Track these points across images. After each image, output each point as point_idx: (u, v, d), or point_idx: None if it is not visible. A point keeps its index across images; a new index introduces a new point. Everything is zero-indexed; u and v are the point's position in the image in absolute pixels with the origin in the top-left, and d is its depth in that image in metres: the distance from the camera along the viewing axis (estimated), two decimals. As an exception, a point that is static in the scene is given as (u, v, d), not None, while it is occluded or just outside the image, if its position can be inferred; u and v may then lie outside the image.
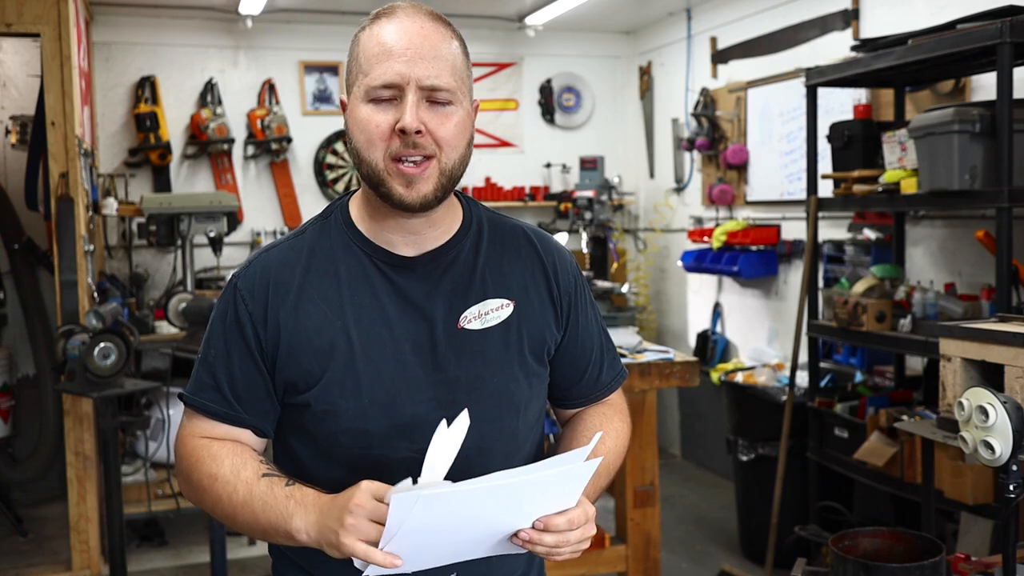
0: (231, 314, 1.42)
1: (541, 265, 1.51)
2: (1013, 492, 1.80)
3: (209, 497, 1.37)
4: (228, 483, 1.35)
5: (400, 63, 1.32)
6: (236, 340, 1.40)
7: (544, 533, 1.24)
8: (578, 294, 1.55)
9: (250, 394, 1.41)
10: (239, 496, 1.33)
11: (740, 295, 5.59)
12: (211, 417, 1.42)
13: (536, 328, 1.48)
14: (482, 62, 6.37)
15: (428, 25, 1.35)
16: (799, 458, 4.02)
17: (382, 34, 1.34)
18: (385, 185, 1.35)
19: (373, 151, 1.34)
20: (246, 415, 1.42)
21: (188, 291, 4.95)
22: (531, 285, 1.49)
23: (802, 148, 4.50)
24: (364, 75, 1.35)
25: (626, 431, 1.60)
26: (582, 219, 5.62)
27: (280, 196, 6.07)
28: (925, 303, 3.46)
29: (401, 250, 1.43)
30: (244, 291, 1.41)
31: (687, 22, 5.95)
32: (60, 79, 4.14)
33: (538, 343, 1.48)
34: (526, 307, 1.47)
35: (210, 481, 1.37)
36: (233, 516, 1.35)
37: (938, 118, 3.13)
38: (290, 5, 5.74)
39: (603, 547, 3.47)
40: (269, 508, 1.30)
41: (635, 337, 3.67)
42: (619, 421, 1.60)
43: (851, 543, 2.06)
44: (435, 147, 1.34)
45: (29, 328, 5.26)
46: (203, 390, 1.42)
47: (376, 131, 1.33)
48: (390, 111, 1.33)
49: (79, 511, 4.21)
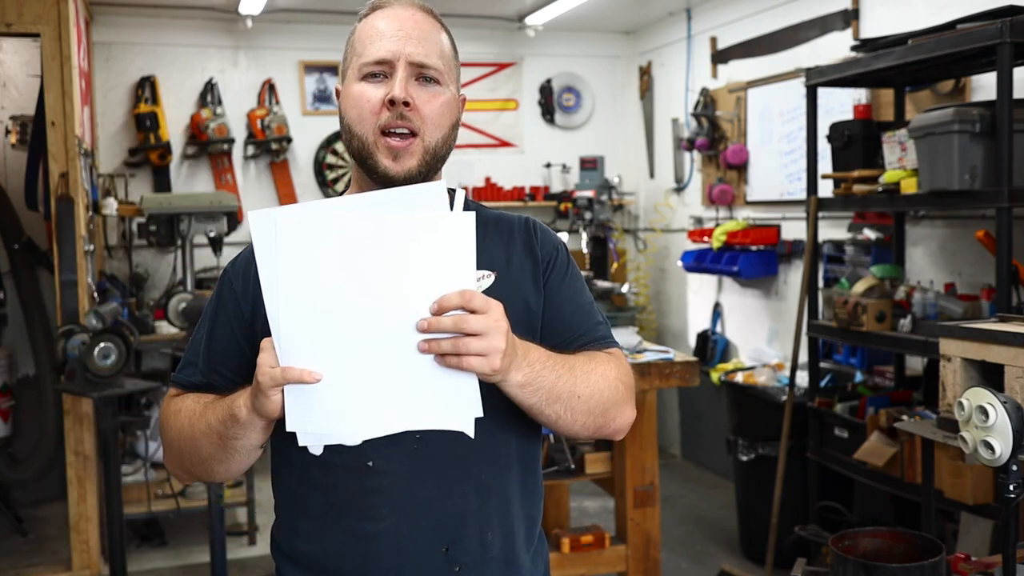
0: (217, 294, 1.50)
1: (526, 241, 1.51)
2: (1013, 492, 1.80)
3: (177, 435, 1.43)
4: (191, 410, 1.41)
5: (391, 42, 1.40)
6: (219, 315, 1.48)
7: (442, 318, 1.19)
8: (558, 262, 1.51)
9: (226, 362, 1.46)
10: (197, 415, 1.40)
11: (740, 295, 5.59)
12: (193, 389, 1.47)
13: (519, 296, 1.46)
14: (482, 62, 6.37)
15: (419, 15, 1.44)
16: (799, 458, 4.02)
17: (376, 21, 1.43)
18: (372, 158, 1.40)
19: (363, 124, 1.40)
20: (221, 381, 1.45)
21: (188, 291, 4.94)
22: (514, 257, 1.49)
23: (802, 148, 4.50)
24: (358, 56, 1.43)
25: (613, 370, 1.45)
26: (582, 219, 5.62)
27: (280, 196, 6.07)
28: (925, 303, 3.46)
29: None
30: (231, 273, 1.50)
31: (687, 22, 5.95)
32: (60, 79, 4.14)
33: (522, 312, 1.45)
34: (508, 278, 1.47)
35: (175, 416, 1.44)
36: (193, 439, 1.39)
37: (938, 118, 3.12)
38: (290, 5, 5.74)
39: (603, 547, 3.47)
40: (219, 407, 1.36)
41: (635, 337, 3.67)
42: (605, 356, 1.48)
43: (851, 543, 2.06)
44: (420, 123, 1.40)
45: (29, 328, 5.26)
46: (186, 367, 1.50)
47: (367, 105, 1.40)
48: (380, 87, 1.40)
49: (79, 511, 4.21)
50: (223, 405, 1.35)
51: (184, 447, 1.42)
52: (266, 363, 1.23)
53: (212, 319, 1.48)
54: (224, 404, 1.35)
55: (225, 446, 1.36)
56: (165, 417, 1.48)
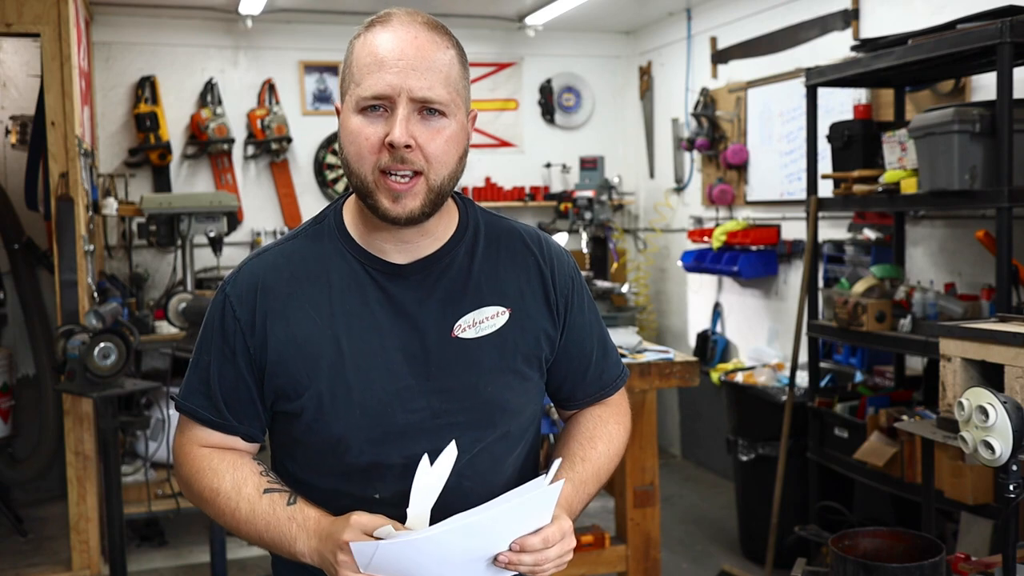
0: (219, 321, 1.42)
1: (538, 268, 1.49)
2: (1013, 492, 1.79)
3: (212, 509, 1.40)
4: (230, 499, 1.37)
5: (391, 74, 1.29)
6: (224, 348, 1.40)
7: (522, 554, 1.26)
8: (575, 295, 1.53)
9: (237, 402, 1.41)
10: (242, 513, 1.36)
11: (740, 295, 5.59)
12: (204, 424, 1.43)
13: (532, 334, 1.46)
14: (482, 62, 6.37)
15: (423, 35, 1.32)
16: (799, 458, 4.02)
17: (375, 43, 1.32)
18: (373, 198, 1.33)
19: (362, 163, 1.32)
20: (235, 422, 1.42)
21: (188, 291, 4.94)
22: (527, 290, 1.47)
23: (802, 148, 4.50)
24: (356, 85, 1.32)
25: (621, 434, 1.59)
26: (582, 219, 5.62)
27: (280, 196, 6.07)
28: (925, 303, 3.46)
29: (393, 258, 1.41)
30: (233, 298, 1.41)
31: (687, 22, 5.95)
32: (60, 79, 4.13)
33: (533, 349, 1.46)
34: (522, 314, 1.45)
35: (212, 495, 1.39)
36: (236, 529, 1.38)
37: (938, 118, 3.12)
38: (290, 5, 5.74)
39: (603, 547, 3.47)
40: (272, 528, 1.33)
41: (635, 337, 3.67)
42: (614, 424, 1.59)
43: (851, 543, 2.05)
44: (424, 163, 1.31)
45: (29, 328, 5.26)
46: (194, 395, 1.44)
47: (365, 144, 1.31)
48: (380, 123, 1.31)
49: (79, 511, 4.21)
50: (280, 534, 1.33)
51: (220, 521, 1.41)
52: (349, 566, 1.24)
53: (219, 354, 1.41)
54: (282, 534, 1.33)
55: (271, 551, 1.38)
56: (189, 469, 1.43)
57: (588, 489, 1.48)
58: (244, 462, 1.41)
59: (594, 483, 1.50)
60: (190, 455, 1.43)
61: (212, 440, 1.43)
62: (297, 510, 1.33)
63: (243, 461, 1.42)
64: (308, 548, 1.30)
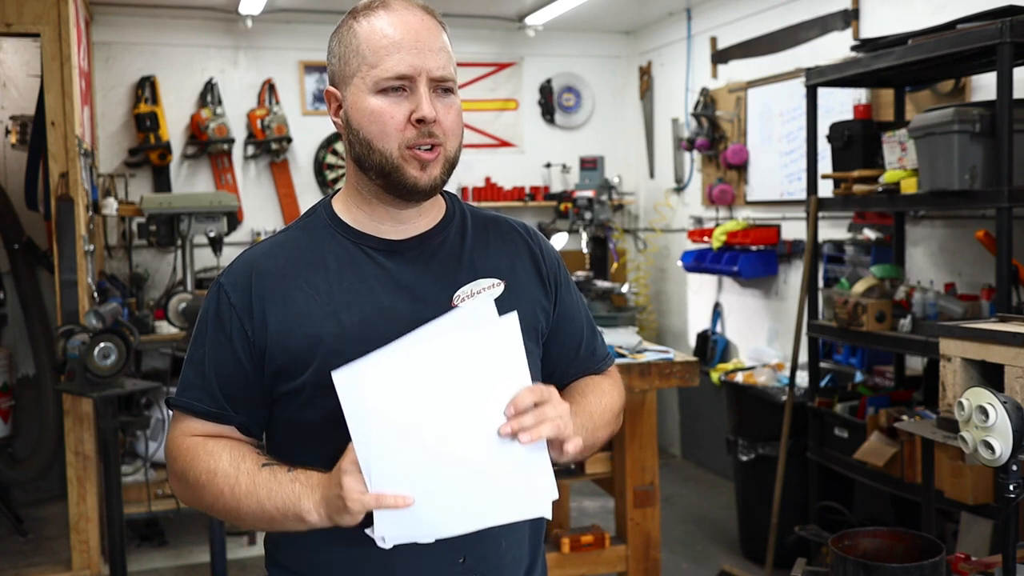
0: (214, 310, 1.42)
1: (527, 246, 1.55)
2: (1013, 492, 1.79)
3: (209, 493, 1.36)
4: (229, 475, 1.35)
5: (411, 55, 1.36)
6: (220, 336, 1.41)
7: (521, 417, 1.26)
8: (563, 275, 1.60)
9: (236, 390, 1.41)
10: (242, 487, 1.33)
11: (740, 295, 5.59)
12: (200, 416, 1.42)
13: (528, 306, 1.49)
14: (482, 62, 6.37)
15: (426, 18, 1.40)
16: (799, 458, 4.02)
17: (386, 26, 1.38)
18: (399, 171, 1.38)
19: (387, 141, 1.37)
20: (233, 412, 1.42)
21: (188, 291, 4.94)
22: (519, 266, 1.52)
23: (802, 148, 4.50)
24: (371, 67, 1.37)
25: (617, 393, 1.62)
26: (582, 219, 5.62)
27: (280, 196, 6.07)
28: (925, 303, 3.46)
29: (389, 235, 1.45)
30: (227, 286, 1.42)
31: (687, 22, 5.95)
32: (60, 79, 4.14)
33: (531, 320, 1.49)
34: (516, 286, 1.49)
35: (209, 476, 1.36)
36: (236, 509, 1.34)
37: (938, 118, 3.12)
38: (290, 5, 5.74)
39: (603, 547, 3.47)
40: (275, 494, 1.30)
41: (635, 337, 3.67)
42: (608, 384, 1.62)
43: (851, 543, 2.05)
44: (443, 135, 1.39)
45: (29, 328, 5.26)
46: (190, 389, 1.43)
47: (392, 122, 1.37)
48: (403, 102, 1.37)
49: (79, 511, 4.21)
50: (283, 497, 1.30)
51: (219, 504, 1.36)
52: (355, 489, 1.22)
53: (214, 342, 1.41)
54: (285, 496, 1.30)
55: (274, 526, 1.34)
56: (183, 459, 1.40)
57: (589, 424, 1.48)
58: (239, 443, 1.41)
59: (601, 427, 1.52)
60: (182, 446, 1.41)
61: (208, 431, 1.42)
62: (299, 473, 1.32)
63: (238, 443, 1.41)
64: (314, 502, 1.27)
